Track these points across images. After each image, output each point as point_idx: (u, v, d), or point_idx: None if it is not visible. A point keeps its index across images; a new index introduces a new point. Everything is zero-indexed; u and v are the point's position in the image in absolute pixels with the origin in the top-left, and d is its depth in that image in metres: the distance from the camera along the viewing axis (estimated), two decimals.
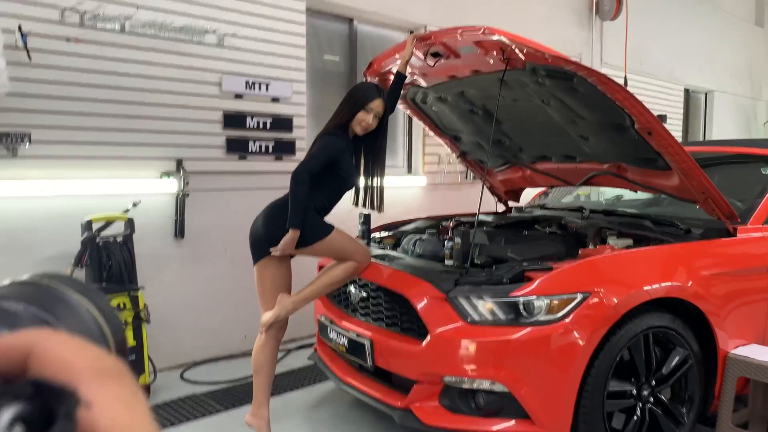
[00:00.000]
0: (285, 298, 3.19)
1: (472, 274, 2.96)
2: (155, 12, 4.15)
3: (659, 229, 3.49)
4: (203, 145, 4.47)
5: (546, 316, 2.74)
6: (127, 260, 3.89)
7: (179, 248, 4.42)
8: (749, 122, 11.69)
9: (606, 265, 2.99)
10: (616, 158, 3.65)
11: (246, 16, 4.63)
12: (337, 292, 3.57)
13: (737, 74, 11.30)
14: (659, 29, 9.11)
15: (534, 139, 3.99)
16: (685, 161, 3.14)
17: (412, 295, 2.95)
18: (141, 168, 4.19)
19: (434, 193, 6.17)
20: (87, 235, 3.76)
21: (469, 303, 2.82)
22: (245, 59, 4.66)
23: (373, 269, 3.26)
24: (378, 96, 3.25)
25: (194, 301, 4.51)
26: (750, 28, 11.81)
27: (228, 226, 4.59)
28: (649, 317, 2.94)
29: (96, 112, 3.96)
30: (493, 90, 3.63)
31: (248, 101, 4.69)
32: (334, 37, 5.53)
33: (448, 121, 4.31)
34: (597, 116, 3.32)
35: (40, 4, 3.71)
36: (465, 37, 3.18)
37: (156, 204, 4.27)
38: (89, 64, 3.92)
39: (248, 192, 4.65)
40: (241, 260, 4.41)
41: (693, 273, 3.10)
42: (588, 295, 2.77)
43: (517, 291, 2.77)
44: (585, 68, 2.90)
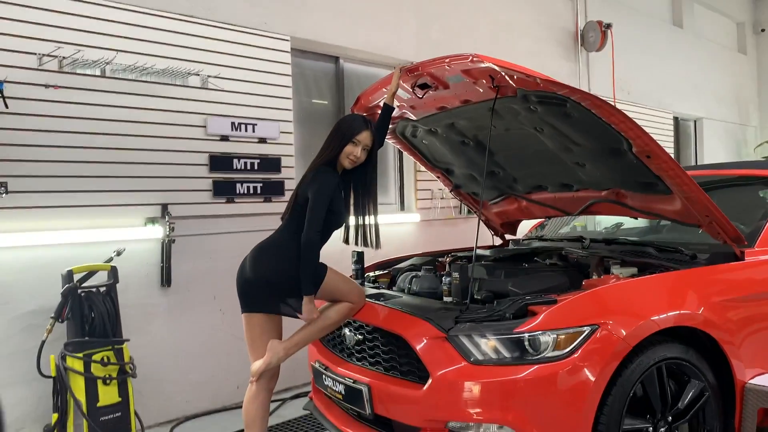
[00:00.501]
0: (276, 345, 3.02)
1: (473, 311, 2.81)
2: (136, 55, 4.07)
3: (663, 255, 3.36)
4: (189, 189, 4.34)
5: (553, 352, 2.58)
6: (111, 311, 3.73)
7: (166, 297, 4.25)
8: (739, 147, 11.71)
9: (612, 295, 2.84)
10: (615, 184, 3.54)
11: (230, 57, 4.56)
12: (331, 336, 3.39)
13: (724, 101, 11.36)
14: (645, 59, 9.16)
15: (528, 168, 3.88)
16: (686, 184, 3.03)
17: (410, 335, 2.78)
18: (124, 215, 4.05)
19: (428, 229, 6.05)
20: (68, 287, 3.60)
21: (471, 341, 2.66)
22: (230, 100, 4.57)
23: (369, 310, 3.10)
24: (366, 128, 3.14)
25: (183, 352, 4.32)
26: (734, 56, 11.94)
27: (217, 272, 4.43)
28: (661, 348, 2.78)
29: (76, 159, 3.84)
30: (485, 120, 3.53)
31: (235, 143, 4.59)
32: (320, 76, 5.47)
33: (439, 155, 4.21)
34: (592, 142, 3.22)
35: (16, 51, 3.63)
36: (453, 66, 3.10)
37: (141, 251, 4.12)
38: (69, 110, 3.82)
39: (237, 235, 4.51)
40: (231, 307, 4.24)
41: (703, 300, 2.96)
42: (596, 328, 2.62)
43: (521, 326, 2.61)
44: (578, 91, 2.81)
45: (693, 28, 10.60)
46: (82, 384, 3.54)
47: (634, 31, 8.94)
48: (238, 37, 4.62)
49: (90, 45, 3.88)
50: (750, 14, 12.52)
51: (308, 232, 2.95)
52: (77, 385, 3.53)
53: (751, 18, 12.53)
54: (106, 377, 3.61)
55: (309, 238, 2.94)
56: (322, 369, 3.28)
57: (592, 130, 3.08)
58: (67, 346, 3.57)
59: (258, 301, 3.01)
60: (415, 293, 3.37)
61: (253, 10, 4.71)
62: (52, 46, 3.73)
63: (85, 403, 3.52)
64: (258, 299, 3.01)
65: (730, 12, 11.92)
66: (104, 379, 3.60)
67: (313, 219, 2.96)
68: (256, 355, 3.06)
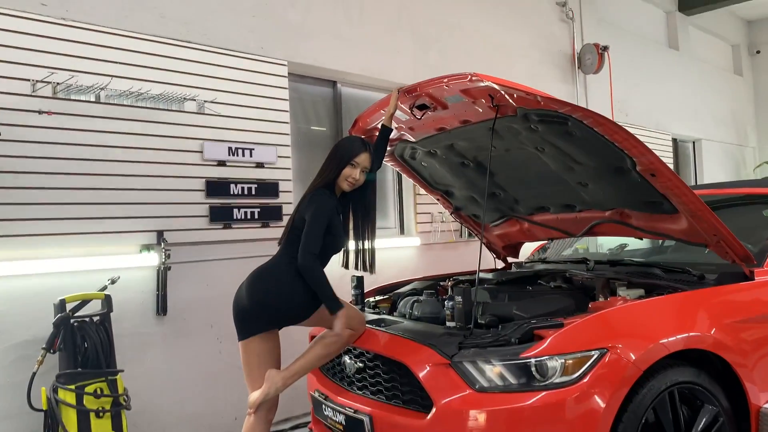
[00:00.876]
0: (274, 375, 2.92)
1: (477, 336, 2.72)
2: (131, 81, 4.03)
3: (670, 276, 3.28)
4: (185, 215, 4.27)
5: (561, 377, 2.49)
6: (105, 341, 3.62)
7: (161, 326, 4.15)
8: (738, 168, 11.69)
9: (621, 318, 2.75)
10: (619, 204, 3.47)
11: (226, 81, 4.53)
12: (331, 364, 3.29)
13: (722, 122, 11.37)
14: (642, 81, 9.18)
15: (530, 189, 3.81)
16: (693, 202, 2.96)
17: (412, 362, 2.69)
18: (119, 242, 3.97)
19: (429, 253, 5.96)
20: (60, 316, 3.50)
21: (476, 368, 2.56)
22: (227, 125, 4.53)
23: (369, 336, 3.01)
24: (364, 149, 3.09)
25: (179, 382, 4.21)
26: (730, 77, 11.99)
27: (213, 300, 4.34)
28: (673, 372, 2.68)
29: (70, 186, 3.78)
30: (484, 140, 3.48)
31: (231, 168, 4.53)
32: (318, 100, 5.44)
33: (439, 176, 4.15)
34: (595, 160, 3.16)
35: (9, 77, 3.58)
36: (452, 85, 3.05)
37: (136, 279, 4.03)
38: (63, 136, 3.76)
39: (234, 262, 4.43)
40: (228, 336, 4.15)
41: (714, 321, 2.87)
42: (605, 352, 2.53)
43: (527, 351, 2.52)
44: (580, 109, 2.76)
45: (689, 50, 10.66)
46: (74, 417, 3.42)
47: (631, 54, 8.97)
48: (235, 62, 4.59)
49: (84, 71, 3.84)
50: (745, 36, 12.61)
51: (303, 256, 2.88)
52: (69, 418, 3.42)
53: (745, 40, 12.62)
54: (99, 410, 3.49)
55: (304, 263, 2.88)
56: (321, 398, 3.18)
57: (594, 148, 3.02)
58: (58, 377, 3.46)
59: (254, 327, 2.92)
60: (417, 318, 3.28)
61: (249, 35, 4.69)
62: (45, 71, 3.68)
63: None
64: (255, 325, 2.92)
65: (724, 34, 12.01)
66: (97, 411, 3.48)
67: (306, 242, 2.90)
68: (254, 385, 2.96)
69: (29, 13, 3.66)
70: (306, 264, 2.87)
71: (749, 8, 11.65)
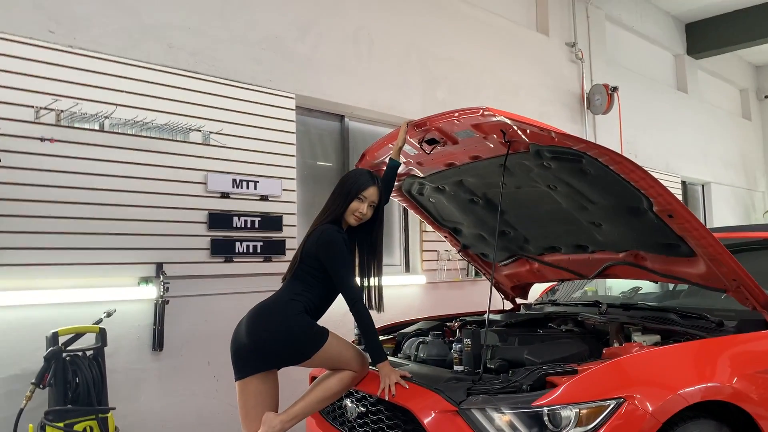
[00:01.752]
0: (272, 418, 2.77)
1: (486, 381, 2.57)
2: (136, 110, 3.98)
3: (687, 322, 3.14)
4: (186, 248, 4.17)
5: (575, 428, 2.33)
6: (97, 377, 3.49)
7: (157, 362, 4.01)
8: (748, 212, 11.57)
9: (638, 365, 2.61)
10: (633, 246, 3.35)
11: (232, 113, 4.48)
12: (331, 408, 3.14)
13: (731, 166, 11.30)
14: (651, 122, 9.14)
15: (541, 228, 3.70)
16: (711, 245, 2.84)
17: (417, 408, 2.54)
18: (117, 274, 3.86)
19: (434, 292, 5.83)
20: (51, 350, 3.37)
21: (485, 416, 2.42)
22: (232, 157, 4.46)
23: (372, 379, 2.86)
24: (372, 183, 2.99)
25: (173, 422, 4.05)
26: (738, 121, 11.96)
27: (212, 336, 4.21)
28: (693, 425, 2.53)
29: (68, 215, 3.70)
30: (495, 177, 3.38)
31: (235, 200, 4.45)
32: (325, 134, 5.39)
33: (447, 213, 4.04)
34: (610, 200, 3.05)
35: (12, 103, 3.53)
36: (462, 120, 2.97)
37: (132, 312, 3.92)
38: (64, 164, 3.70)
39: (235, 296, 4.32)
40: (227, 374, 4.00)
41: (735, 371, 2.72)
42: (622, 402, 2.38)
43: (540, 399, 2.38)
44: (596, 146, 2.66)
45: (697, 93, 10.66)
46: None
47: (640, 95, 8.95)
48: (242, 94, 4.55)
49: (89, 98, 3.80)
50: (753, 81, 12.63)
51: (353, 302, 2.81)
52: None
53: (754, 85, 12.64)
54: None
55: (356, 309, 2.81)
56: None
57: (609, 187, 2.92)
58: (47, 414, 3.31)
59: (253, 367, 2.78)
60: (423, 361, 3.15)
61: (257, 67, 4.66)
62: (49, 99, 3.64)
63: None
64: (253, 364, 2.78)
65: (733, 78, 12.02)
66: None
67: (345, 285, 2.83)
68: (250, 428, 2.81)
69: (36, 40, 3.63)
70: (359, 309, 2.81)
71: (757, 53, 11.70)
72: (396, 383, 2.69)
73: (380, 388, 2.70)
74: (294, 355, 2.78)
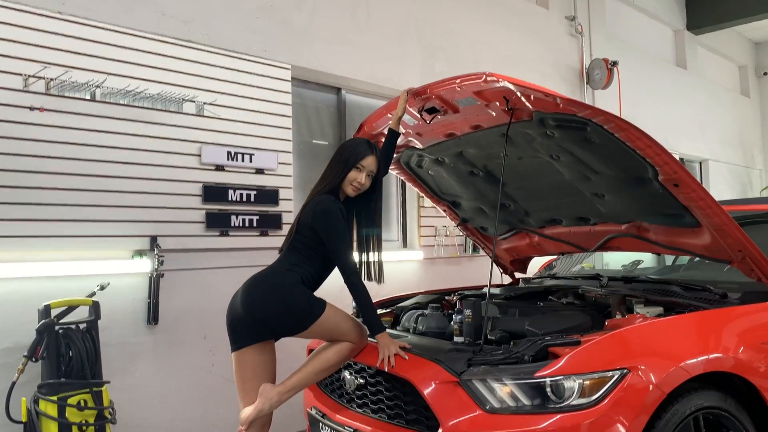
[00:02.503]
0: (269, 389, 2.73)
1: (487, 352, 2.53)
2: (128, 79, 3.88)
3: (690, 294, 3.09)
4: (180, 221, 4.09)
5: (578, 399, 2.30)
6: (90, 350, 3.43)
7: (152, 336, 3.96)
8: (746, 190, 11.54)
9: (642, 336, 2.56)
10: (636, 217, 3.29)
11: (227, 84, 4.38)
12: (329, 380, 3.10)
13: (729, 143, 11.25)
14: (649, 98, 9.04)
15: (542, 200, 3.63)
16: (718, 215, 2.79)
17: (417, 379, 2.50)
18: (110, 247, 3.79)
19: (431, 267, 5.78)
20: (43, 323, 3.31)
21: (486, 387, 2.38)
22: (227, 129, 4.37)
23: (371, 351, 2.81)
24: (370, 152, 2.92)
25: (169, 395, 4.00)
26: (737, 98, 11.88)
27: (207, 310, 4.15)
28: (697, 396, 2.50)
29: (59, 186, 3.61)
30: (496, 147, 3.32)
31: (230, 173, 4.37)
32: (321, 107, 5.29)
33: (446, 186, 3.98)
34: (614, 170, 2.99)
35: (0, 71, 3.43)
36: (464, 87, 2.89)
37: (126, 286, 3.85)
38: (55, 134, 3.60)
39: (230, 271, 4.25)
40: (222, 348, 3.95)
41: (741, 342, 2.68)
42: (626, 373, 2.34)
43: (542, 370, 2.33)
44: (602, 113, 2.59)
45: (696, 70, 10.56)
46: (56, 430, 3.22)
47: (639, 71, 8.85)
48: (237, 64, 4.44)
49: (79, 67, 3.69)
50: (752, 58, 12.53)
51: (347, 275, 2.75)
52: (50, 431, 3.22)
53: (753, 61, 12.54)
54: (83, 423, 3.30)
55: (351, 282, 2.75)
56: (318, 416, 2.98)
57: (614, 156, 2.86)
58: (40, 388, 3.26)
59: (249, 337, 2.73)
60: (422, 333, 3.10)
61: (252, 36, 4.55)
62: (38, 66, 3.53)
63: None
64: (249, 335, 2.73)
65: (732, 55, 11.92)
66: (80, 425, 3.28)
67: (343, 258, 2.77)
68: (247, 401, 2.77)
69: (24, 5, 3.51)
70: (352, 284, 2.75)
71: (757, 29, 11.58)
72: (395, 354, 2.64)
73: (379, 359, 2.66)
74: (291, 326, 2.73)
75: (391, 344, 2.68)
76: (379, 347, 2.69)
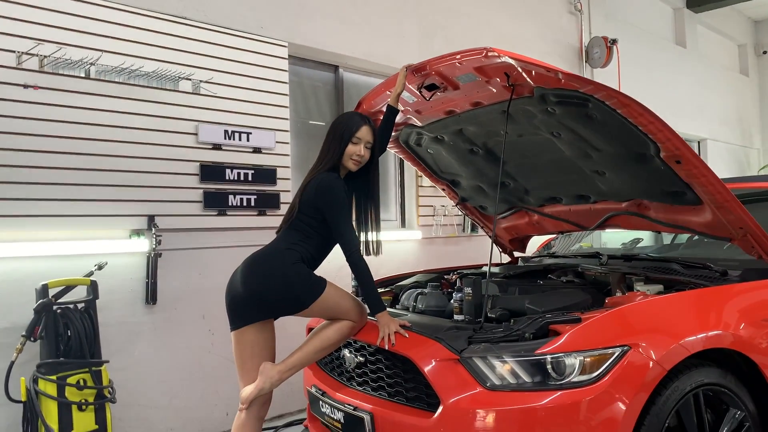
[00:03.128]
0: (269, 368, 2.72)
1: (488, 330, 2.52)
2: (123, 57, 3.82)
3: (690, 272, 3.08)
4: (178, 200, 4.06)
5: (579, 376, 2.29)
6: (89, 330, 3.42)
7: (151, 315, 3.95)
8: (743, 170, 11.53)
9: (643, 313, 2.56)
10: (637, 194, 3.27)
11: (223, 61, 4.32)
12: (329, 358, 3.10)
13: (728, 122, 11.21)
14: (649, 77, 8.99)
15: (542, 179, 3.61)
16: (720, 192, 2.77)
17: (418, 357, 2.49)
18: (107, 226, 3.76)
19: (430, 247, 5.77)
20: (42, 302, 3.30)
21: (487, 364, 2.37)
22: (224, 107, 4.32)
23: (371, 329, 2.80)
24: (364, 122, 2.89)
25: (168, 375, 4.00)
26: (736, 77, 11.82)
27: (206, 289, 4.14)
28: (698, 373, 2.50)
29: (56, 165, 3.57)
30: (496, 125, 3.29)
31: (227, 152, 4.33)
32: (319, 85, 5.24)
33: (445, 165, 3.95)
34: (616, 146, 2.96)
35: None
36: (465, 62, 2.85)
37: (124, 266, 3.83)
38: (49, 112, 3.55)
39: (228, 250, 4.23)
40: (221, 327, 3.97)
41: (741, 319, 2.68)
42: (627, 350, 2.34)
43: (543, 347, 2.33)
44: (604, 88, 2.56)
45: (696, 48, 10.48)
46: (55, 410, 3.22)
47: (638, 49, 8.78)
48: (233, 41, 4.38)
49: (73, 44, 3.63)
50: (752, 36, 12.44)
51: (349, 253, 2.73)
52: (49, 411, 3.22)
53: (752, 40, 12.45)
54: (82, 402, 3.30)
55: (353, 260, 2.73)
56: (318, 394, 2.98)
57: (616, 133, 2.83)
58: (39, 367, 3.25)
59: (249, 316, 2.72)
60: (421, 312, 3.09)
61: (249, 13, 4.48)
62: (31, 43, 3.47)
63: (57, 430, 3.20)
64: (249, 314, 2.71)
65: (732, 33, 11.84)
66: (79, 404, 3.28)
67: (343, 234, 2.75)
68: (247, 379, 2.76)
69: None
70: (354, 262, 2.73)
71: (757, 7, 11.48)
72: (395, 332, 2.63)
73: (379, 337, 2.65)
74: (291, 305, 2.71)
75: (392, 322, 2.67)
76: (379, 325, 2.68)
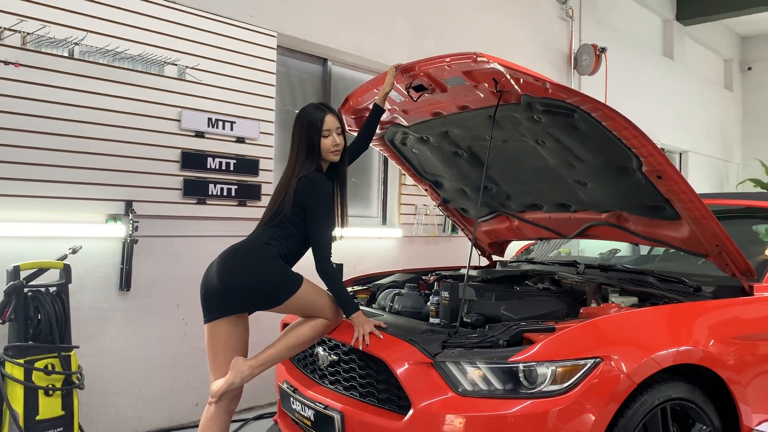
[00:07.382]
0: (241, 363, 2.70)
1: (463, 335, 2.53)
2: (108, 38, 3.76)
3: (665, 286, 3.12)
4: (157, 187, 4.01)
5: (550, 386, 2.31)
6: (60, 314, 3.36)
7: (124, 302, 3.90)
8: (722, 184, 11.68)
9: (616, 326, 2.58)
10: (617, 206, 3.29)
11: (210, 48, 4.27)
12: (302, 355, 3.08)
13: (710, 136, 11.34)
14: (635, 87, 9.06)
15: (524, 185, 3.62)
16: (698, 209, 2.80)
17: (391, 359, 2.49)
18: (84, 209, 3.71)
19: (409, 246, 5.76)
20: (12, 284, 3.23)
21: (460, 369, 2.38)
22: (208, 94, 4.27)
23: (346, 328, 2.80)
24: (325, 111, 2.88)
25: (138, 363, 3.96)
26: (720, 91, 11.95)
27: (181, 278, 4.10)
28: (666, 387, 2.53)
29: (33, 145, 3.50)
30: (481, 129, 3.29)
31: (210, 140, 4.28)
32: (306, 78, 5.20)
33: (429, 165, 3.94)
34: (598, 158, 2.98)
35: None
36: (454, 66, 2.84)
37: (99, 250, 3.78)
38: (30, 91, 3.48)
39: (206, 240, 4.19)
40: (195, 317, 3.94)
41: (711, 336, 2.72)
42: (599, 362, 2.36)
43: (516, 355, 2.34)
44: (591, 100, 2.57)
45: (683, 61, 10.58)
46: (21, 394, 3.17)
47: (626, 58, 8.84)
48: (221, 29, 4.33)
49: (57, 22, 3.56)
50: (738, 51, 12.59)
51: (320, 257, 2.73)
52: (15, 394, 3.16)
53: (738, 55, 12.60)
54: (49, 387, 3.25)
55: (322, 266, 2.73)
56: (290, 391, 2.97)
57: (599, 144, 2.84)
58: (6, 350, 3.20)
59: (223, 309, 2.69)
60: (397, 312, 3.09)
61: (238, 1, 4.43)
62: (13, 19, 3.40)
63: (22, 415, 3.15)
64: (223, 307, 2.69)
65: (718, 48, 11.97)
66: (46, 389, 3.23)
67: (319, 237, 2.75)
68: (218, 373, 2.74)
69: None
70: (326, 267, 2.73)
71: (745, 24, 11.62)
72: (370, 333, 2.63)
73: (354, 337, 2.64)
74: (265, 300, 2.69)
75: (366, 323, 2.66)
76: (354, 325, 2.68)
